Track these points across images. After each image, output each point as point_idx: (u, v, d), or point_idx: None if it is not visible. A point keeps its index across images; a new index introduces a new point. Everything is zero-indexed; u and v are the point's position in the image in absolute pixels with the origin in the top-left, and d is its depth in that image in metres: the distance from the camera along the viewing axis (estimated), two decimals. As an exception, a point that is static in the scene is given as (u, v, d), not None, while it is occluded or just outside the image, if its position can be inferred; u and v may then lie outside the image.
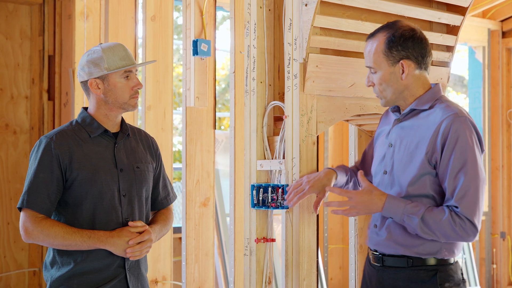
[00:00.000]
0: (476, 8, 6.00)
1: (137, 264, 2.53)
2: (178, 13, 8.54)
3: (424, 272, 2.30)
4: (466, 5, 3.00)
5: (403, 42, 2.33)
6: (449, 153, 2.22)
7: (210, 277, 4.61)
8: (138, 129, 2.67)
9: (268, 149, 2.87)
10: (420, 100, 2.35)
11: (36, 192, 2.39)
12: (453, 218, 2.21)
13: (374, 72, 2.38)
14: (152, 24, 4.66)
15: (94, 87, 2.48)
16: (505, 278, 6.52)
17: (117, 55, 2.47)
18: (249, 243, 2.88)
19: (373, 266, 2.44)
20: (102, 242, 2.39)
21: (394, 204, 2.26)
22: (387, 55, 2.33)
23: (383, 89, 2.37)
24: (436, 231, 2.22)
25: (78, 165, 2.42)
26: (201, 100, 4.52)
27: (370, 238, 2.44)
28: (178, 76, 8.85)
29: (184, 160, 4.46)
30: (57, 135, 2.45)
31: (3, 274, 5.07)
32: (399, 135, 2.38)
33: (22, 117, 5.22)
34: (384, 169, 2.40)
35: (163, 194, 2.70)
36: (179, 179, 7.17)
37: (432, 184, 2.28)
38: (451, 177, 2.22)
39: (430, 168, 2.26)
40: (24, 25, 5.25)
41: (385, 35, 2.35)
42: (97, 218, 2.43)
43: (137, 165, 2.54)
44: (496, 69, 6.57)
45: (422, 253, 2.30)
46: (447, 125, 2.23)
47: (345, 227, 6.15)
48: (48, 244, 2.40)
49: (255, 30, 2.87)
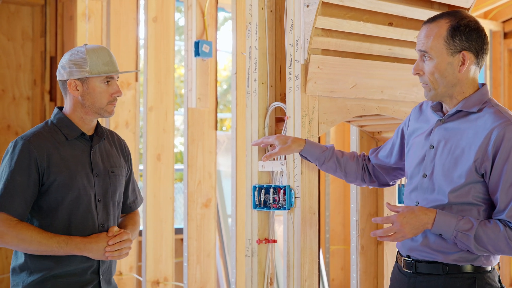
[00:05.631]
0: (478, 9, 6.00)
1: (109, 269, 2.48)
2: (179, 14, 8.54)
3: (461, 280, 2.17)
4: (467, 6, 3.00)
5: (468, 33, 2.15)
6: (501, 163, 2.08)
7: (212, 278, 4.61)
8: (110, 132, 2.60)
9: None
10: (468, 101, 2.18)
11: (12, 196, 2.29)
12: (508, 233, 2.09)
13: (429, 59, 2.17)
14: (153, 25, 4.66)
15: (73, 88, 2.40)
16: (507, 279, 6.51)
17: (101, 60, 2.40)
18: (251, 244, 2.88)
19: (403, 273, 2.29)
20: (79, 249, 2.32)
21: (446, 221, 2.12)
22: (448, 43, 2.14)
23: (435, 80, 2.17)
24: (490, 246, 2.11)
25: (55, 169, 2.34)
26: (203, 101, 4.52)
27: (403, 243, 2.29)
28: (180, 77, 8.85)
29: (185, 161, 4.47)
30: (34, 137, 2.36)
31: (4, 275, 5.07)
32: (443, 137, 2.22)
33: (24, 118, 5.23)
34: (424, 172, 2.24)
35: (131, 198, 2.65)
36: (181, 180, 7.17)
37: (476, 192, 2.14)
38: (504, 190, 2.09)
39: (477, 177, 2.12)
40: (26, 26, 5.26)
41: (449, 22, 2.15)
42: (73, 224, 2.36)
43: (112, 169, 2.49)
44: (498, 70, 6.56)
45: (459, 260, 2.17)
46: (499, 133, 2.08)
47: (347, 228, 6.15)
48: (22, 249, 2.32)
49: (257, 31, 2.87)
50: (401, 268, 2.31)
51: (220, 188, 5.42)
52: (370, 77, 2.87)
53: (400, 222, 2.13)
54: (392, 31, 2.87)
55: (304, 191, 2.70)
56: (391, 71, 2.92)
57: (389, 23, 2.88)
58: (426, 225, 2.14)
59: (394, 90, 2.95)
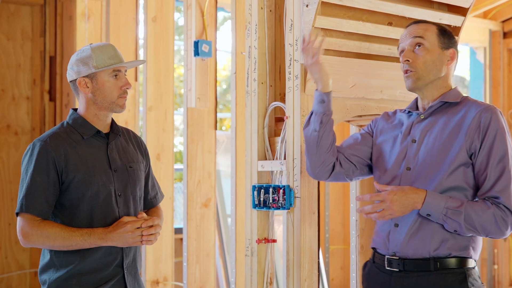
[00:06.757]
0: (477, 8, 5.99)
1: (133, 263, 2.52)
2: (179, 14, 8.54)
3: (452, 276, 2.18)
4: (467, 6, 3.00)
5: (452, 37, 2.35)
6: (490, 142, 2.18)
7: (211, 278, 4.62)
8: (126, 129, 2.65)
9: (269, 150, 2.87)
10: (448, 94, 2.31)
11: (34, 196, 2.37)
12: (495, 210, 2.14)
13: (422, 47, 2.30)
14: (153, 25, 4.66)
15: (83, 86, 2.45)
16: (506, 279, 6.51)
17: (106, 54, 2.45)
18: (250, 243, 2.88)
19: (386, 273, 2.27)
20: (102, 239, 2.37)
21: (436, 199, 2.15)
22: (440, 39, 2.31)
23: (425, 68, 2.29)
24: (478, 224, 2.14)
25: (73, 167, 2.40)
26: (202, 101, 4.52)
27: (390, 240, 2.27)
28: (179, 77, 8.85)
29: (185, 161, 4.47)
30: (51, 138, 2.42)
31: (4, 275, 5.07)
32: (426, 130, 2.29)
33: (23, 118, 5.23)
34: (407, 165, 2.28)
35: (152, 193, 2.69)
36: (180, 180, 7.17)
37: (465, 175, 2.20)
38: (492, 167, 2.17)
39: (467, 158, 2.19)
40: (26, 26, 5.26)
41: (436, 25, 2.34)
42: (94, 219, 2.41)
43: (130, 164, 2.54)
44: (497, 69, 6.56)
45: (450, 248, 2.18)
46: (486, 115, 2.20)
47: (346, 227, 6.15)
48: (48, 246, 2.39)
49: (256, 31, 2.87)
50: (382, 267, 2.30)
51: (220, 188, 5.42)
52: (370, 77, 2.87)
53: (390, 200, 2.15)
54: (392, 30, 2.87)
55: (303, 191, 2.70)
56: (390, 71, 2.92)
57: (389, 22, 2.88)
58: (416, 204, 2.16)
59: (394, 89, 2.95)
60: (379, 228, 2.34)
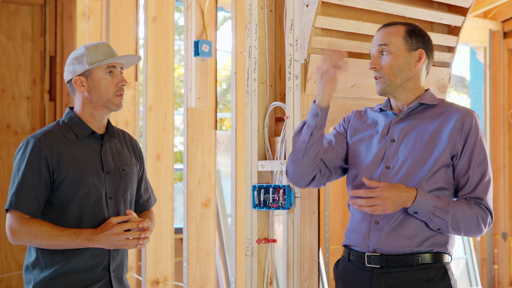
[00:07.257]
0: (478, 8, 5.99)
1: (120, 266, 2.50)
2: (179, 14, 8.55)
3: (434, 271, 2.24)
4: (467, 6, 3.01)
5: (422, 36, 2.35)
6: (472, 144, 2.25)
7: (211, 278, 4.62)
8: (122, 131, 2.63)
9: (269, 150, 2.88)
10: (424, 96, 2.34)
11: (24, 194, 2.35)
12: (478, 211, 2.22)
13: (387, 53, 2.32)
14: (153, 25, 4.66)
15: (79, 85, 2.44)
16: (506, 279, 6.51)
17: (100, 51, 2.44)
18: (251, 243, 2.88)
19: (366, 270, 2.28)
20: (89, 240, 2.35)
21: (425, 198, 2.20)
22: (406, 41, 2.32)
23: (392, 72, 2.32)
24: (462, 223, 2.21)
25: (66, 167, 2.38)
26: (202, 101, 4.52)
27: (371, 237, 2.28)
28: (179, 77, 8.85)
29: (185, 161, 4.47)
30: (45, 136, 2.40)
31: (4, 274, 5.07)
32: (405, 130, 2.32)
33: (23, 118, 5.23)
34: (386, 164, 2.31)
35: (144, 197, 2.66)
36: (180, 179, 7.17)
37: (446, 177, 2.26)
38: (474, 170, 2.25)
39: (448, 160, 2.26)
40: (26, 25, 5.26)
41: (405, 26, 2.36)
42: (83, 220, 2.39)
43: (123, 167, 2.51)
44: (497, 69, 6.56)
45: (432, 245, 2.24)
46: (468, 120, 2.27)
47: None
48: (36, 244, 2.36)
49: (256, 30, 2.87)
50: (361, 265, 2.30)
51: (220, 187, 5.42)
52: (370, 77, 2.87)
53: (385, 197, 2.19)
54: (392, 30, 2.87)
55: (303, 191, 2.70)
56: (390, 71, 2.92)
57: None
58: (407, 202, 2.21)
59: (394, 89, 2.95)
60: (355, 226, 2.34)
